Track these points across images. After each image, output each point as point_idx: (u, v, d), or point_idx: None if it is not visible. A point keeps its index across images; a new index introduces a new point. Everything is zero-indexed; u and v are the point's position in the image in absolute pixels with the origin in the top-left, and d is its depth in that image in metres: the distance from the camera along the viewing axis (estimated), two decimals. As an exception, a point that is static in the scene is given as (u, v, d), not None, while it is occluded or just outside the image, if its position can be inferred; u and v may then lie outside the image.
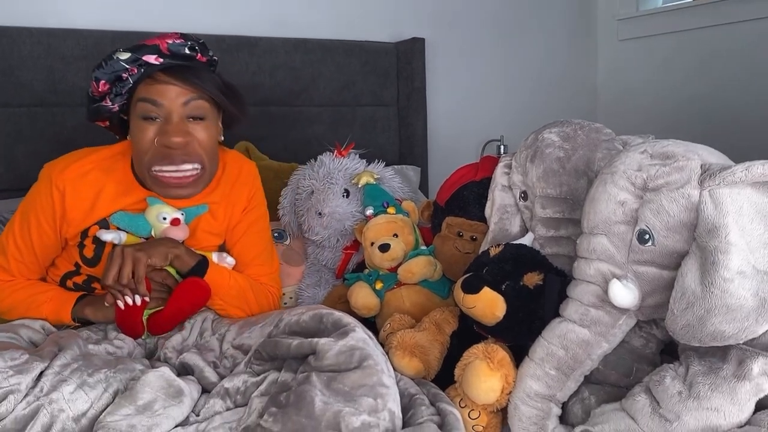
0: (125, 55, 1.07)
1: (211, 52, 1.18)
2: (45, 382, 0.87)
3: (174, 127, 1.08)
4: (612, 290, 0.86)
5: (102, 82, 1.09)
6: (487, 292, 0.99)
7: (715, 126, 2.27)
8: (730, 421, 0.78)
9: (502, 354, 0.94)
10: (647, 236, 0.85)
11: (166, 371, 0.93)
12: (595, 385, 0.95)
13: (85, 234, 1.16)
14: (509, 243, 1.10)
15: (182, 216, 1.17)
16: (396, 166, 1.89)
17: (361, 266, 1.44)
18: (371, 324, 1.30)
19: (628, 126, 2.18)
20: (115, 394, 0.89)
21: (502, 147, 2.37)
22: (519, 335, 1.00)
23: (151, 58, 1.08)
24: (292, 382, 0.86)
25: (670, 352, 1.00)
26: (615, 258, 0.88)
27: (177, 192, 1.13)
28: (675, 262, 0.84)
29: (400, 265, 1.29)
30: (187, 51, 1.11)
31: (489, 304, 0.99)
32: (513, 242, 1.12)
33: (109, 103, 1.11)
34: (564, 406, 0.94)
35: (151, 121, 1.09)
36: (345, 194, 1.45)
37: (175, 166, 1.10)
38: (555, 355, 0.91)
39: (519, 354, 0.97)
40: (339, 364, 0.86)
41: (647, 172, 0.86)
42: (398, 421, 0.84)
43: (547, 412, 0.91)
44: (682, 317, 0.80)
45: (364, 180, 1.43)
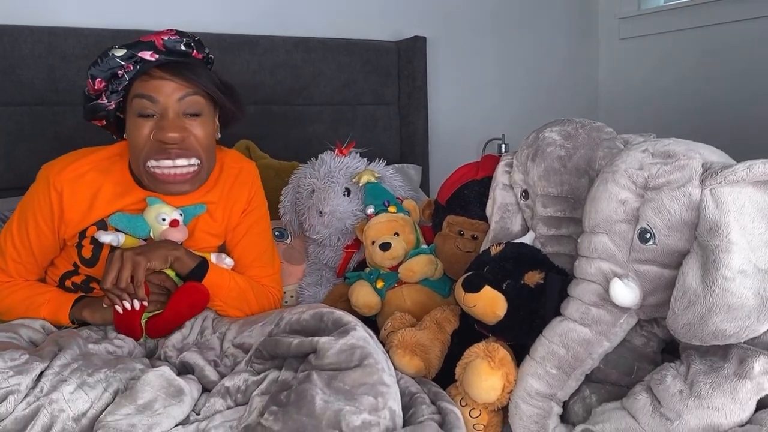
0: (121, 52, 1.07)
1: (207, 50, 1.18)
2: (45, 383, 0.87)
3: (170, 122, 1.08)
4: (613, 289, 0.86)
5: (98, 79, 1.09)
6: (488, 291, 0.99)
7: (717, 125, 2.27)
8: (731, 420, 0.78)
9: (503, 353, 0.94)
10: (648, 235, 0.85)
11: (166, 370, 0.92)
12: (596, 384, 0.95)
13: (83, 235, 1.16)
14: (510, 242, 1.10)
15: (181, 217, 1.16)
16: (397, 165, 1.89)
17: (362, 265, 1.44)
18: (372, 323, 1.30)
19: (629, 125, 2.18)
20: (116, 394, 0.89)
21: (503, 146, 2.37)
22: (520, 334, 1.00)
23: (147, 55, 1.08)
24: (292, 381, 0.86)
25: (671, 351, 0.99)
26: (616, 257, 0.88)
27: (175, 188, 1.12)
28: (676, 261, 0.84)
29: (401, 263, 1.29)
30: (182, 47, 1.11)
31: (490, 303, 0.99)
32: (514, 241, 1.12)
33: (105, 101, 1.11)
34: (565, 405, 0.94)
35: (147, 118, 1.09)
36: (346, 193, 1.45)
37: (171, 161, 1.09)
38: (556, 353, 0.91)
39: (520, 353, 0.97)
40: (340, 362, 0.85)
41: (648, 171, 0.86)
42: (399, 420, 0.84)
43: (548, 410, 0.91)
44: (683, 316, 0.79)
45: (365, 179, 1.43)
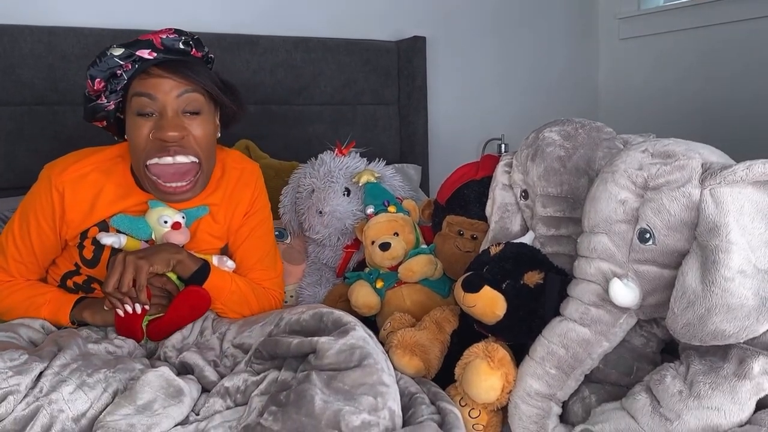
0: (119, 51, 1.07)
1: (207, 49, 1.17)
2: (44, 383, 0.87)
3: (169, 121, 1.07)
4: (612, 289, 0.86)
5: (97, 80, 1.09)
6: (487, 291, 0.99)
7: (716, 125, 2.27)
8: (731, 420, 0.78)
9: (502, 353, 0.94)
10: (648, 235, 0.85)
11: (166, 371, 0.92)
12: (596, 384, 0.95)
13: (84, 235, 1.16)
14: (510, 242, 1.10)
15: (183, 219, 1.16)
16: (397, 165, 1.89)
17: (361, 265, 1.44)
18: (372, 323, 1.30)
19: (628, 125, 2.18)
20: (115, 394, 0.89)
21: (503, 146, 2.37)
22: (519, 334, 1.00)
23: (145, 53, 1.07)
24: (292, 381, 0.86)
25: (670, 351, 0.99)
26: (616, 257, 0.88)
27: (175, 198, 1.12)
28: (676, 261, 0.84)
29: (400, 263, 1.29)
30: (181, 46, 1.11)
31: (489, 303, 0.99)
32: (513, 241, 1.12)
33: (104, 101, 1.11)
34: (564, 405, 0.94)
35: (146, 117, 1.08)
36: (346, 193, 1.45)
37: (171, 158, 1.08)
38: (555, 354, 0.91)
39: (519, 353, 0.97)
40: (339, 362, 0.85)
41: (648, 171, 0.86)
42: (398, 420, 0.84)
43: (547, 411, 0.91)
44: (682, 316, 0.79)
45: (364, 179, 1.43)
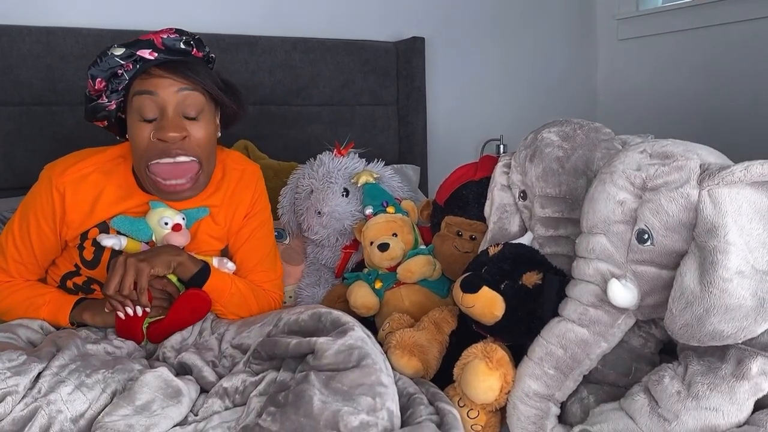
0: (120, 51, 1.07)
1: (208, 49, 1.17)
2: (43, 383, 0.87)
3: (169, 122, 1.08)
4: (611, 290, 0.86)
5: (98, 79, 1.09)
6: (486, 292, 0.99)
7: (715, 126, 2.27)
8: (729, 421, 0.78)
9: (500, 353, 0.94)
10: (646, 236, 0.85)
11: (165, 371, 0.92)
12: (594, 385, 0.95)
13: (84, 236, 1.15)
14: (508, 242, 1.10)
15: (184, 221, 1.16)
16: (395, 166, 1.89)
17: (360, 265, 1.44)
18: (370, 323, 1.29)
19: (627, 125, 2.18)
20: (114, 395, 0.89)
21: (502, 146, 2.37)
22: (518, 335, 1.00)
23: (146, 53, 1.07)
24: (290, 382, 0.86)
25: (669, 351, 1.00)
26: (614, 257, 0.88)
27: (176, 196, 1.12)
28: (674, 262, 0.84)
29: (399, 264, 1.29)
30: (182, 46, 1.11)
31: (488, 304, 0.99)
32: (512, 242, 1.12)
33: (105, 100, 1.11)
34: (563, 406, 0.94)
35: (147, 119, 1.08)
36: (344, 193, 1.45)
37: (171, 158, 1.08)
38: (554, 354, 0.91)
39: (518, 353, 0.97)
40: (337, 363, 0.85)
41: (646, 172, 0.86)
42: (397, 421, 0.84)
43: (545, 411, 0.91)
44: (680, 317, 0.80)
45: (363, 179, 1.42)
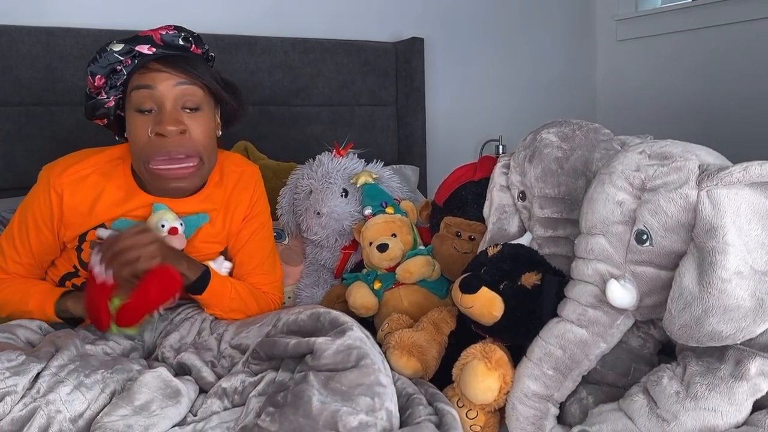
0: (118, 47, 1.07)
1: (207, 47, 1.18)
2: (42, 384, 0.87)
3: (168, 115, 1.07)
4: (610, 290, 0.86)
5: (98, 76, 1.08)
6: (485, 292, 0.99)
7: (714, 126, 2.27)
8: (728, 422, 0.78)
9: (499, 354, 0.94)
10: (645, 236, 0.85)
11: (164, 372, 0.92)
12: (593, 385, 0.95)
13: (82, 238, 1.15)
14: (507, 243, 1.10)
15: (181, 227, 1.15)
16: (395, 166, 1.89)
17: (359, 266, 1.44)
18: (369, 324, 1.30)
19: (626, 126, 2.18)
20: (112, 395, 0.89)
21: (501, 147, 2.38)
22: (517, 335, 1.00)
23: (145, 48, 1.07)
24: (289, 382, 0.86)
25: (667, 352, 1.00)
26: (613, 258, 0.88)
27: (175, 183, 1.11)
28: (673, 263, 0.85)
29: (398, 264, 1.29)
30: (180, 42, 1.11)
31: (487, 304, 0.99)
32: (511, 242, 1.12)
33: (104, 96, 1.11)
34: (562, 406, 0.94)
35: (145, 114, 1.08)
36: (343, 194, 1.45)
37: (169, 157, 1.07)
38: (553, 355, 0.91)
39: (517, 354, 0.97)
40: (336, 363, 0.85)
41: (645, 173, 0.86)
42: (395, 421, 0.84)
43: (544, 412, 0.91)
44: (679, 317, 0.80)
45: (362, 180, 1.42)
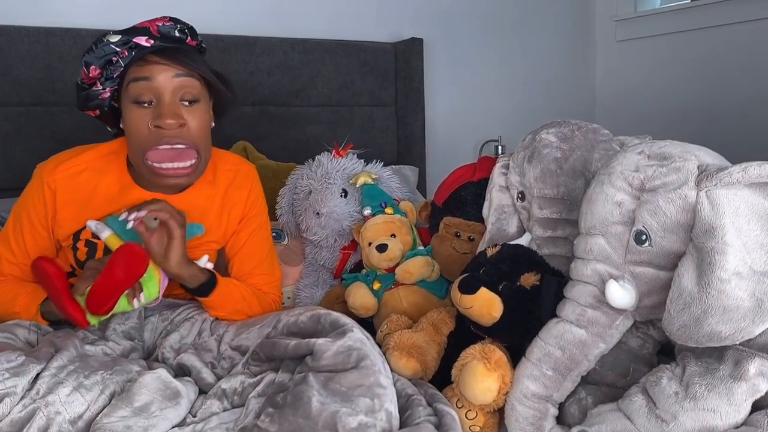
0: (115, 38, 1.06)
1: (200, 38, 1.17)
2: (41, 385, 0.87)
3: (167, 108, 1.06)
4: (609, 291, 0.86)
5: (92, 66, 1.07)
6: (484, 293, 0.99)
7: (713, 127, 2.28)
8: (727, 422, 0.79)
9: (499, 354, 0.94)
10: (644, 237, 0.85)
11: (163, 373, 0.92)
12: (592, 386, 0.95)
13: (77, 237, 1.14)
14: (506, 243, 1.10)
15: None
16: (394, 166, 1.89)
17: (358, 266, 1.44)
18: (369, 324, 1.30)
19: (625, 127, 2.17)
20: (112, 396, 0.89)
21: (500, 147, 2.38)
22: (516, 336, 1.00)
23: (142, 40, 1.07)
24: (289, 383, 0.86)
25: (667, 352, 1.00)
26: (612, 258, 0.89)
27: (174, 181, 1.10)
28: (672, 263, 0.85)
29: (397, 265, 1.29)
30: (177, 33, 1.11)
31: (486, 305, 0.99)
32: (510, 243, 1.12)
33: (99, 88, 1.09)
34: (561, 407, 0.94)
35: (144, 106, 1.07)
36: (343, 194, 1.45)
37: (169, 146, 1.07)
38: (552, 355, 0.91)
39: (516, 354, 0.97)
40: (336, 364, 0.85)
41: (644, 173, 0.86)
42: (395, 422, 0.84)
43: (544, 412, 0.91)
44: (678, 318, 0.80)
45: (362, 180, 1.43)
